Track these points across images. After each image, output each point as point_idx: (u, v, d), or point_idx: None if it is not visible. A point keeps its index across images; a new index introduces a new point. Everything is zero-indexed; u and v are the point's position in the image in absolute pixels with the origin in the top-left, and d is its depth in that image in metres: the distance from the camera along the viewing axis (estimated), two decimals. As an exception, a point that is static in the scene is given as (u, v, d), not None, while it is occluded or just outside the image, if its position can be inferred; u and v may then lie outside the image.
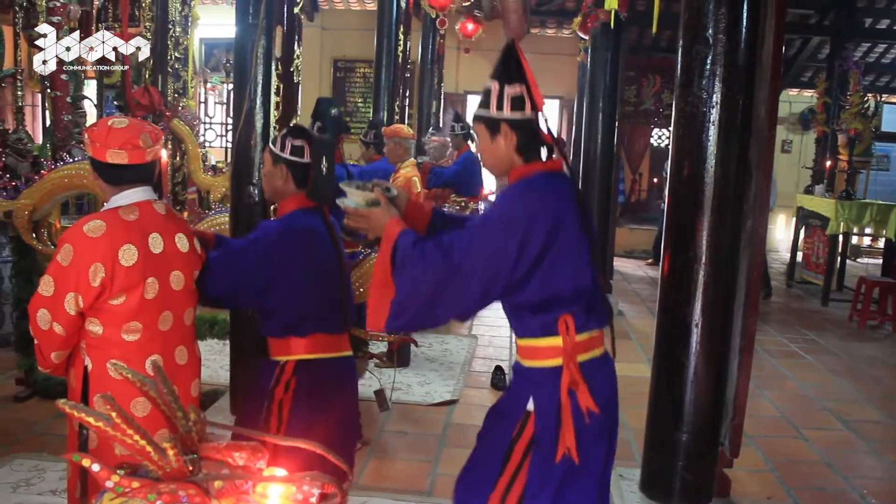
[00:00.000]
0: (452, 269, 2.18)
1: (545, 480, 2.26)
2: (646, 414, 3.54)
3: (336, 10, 13.07)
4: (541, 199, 2.24)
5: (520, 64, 2.31)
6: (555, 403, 2.24)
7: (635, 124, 12.77)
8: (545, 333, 2.27)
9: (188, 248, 2.47)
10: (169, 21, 7.70)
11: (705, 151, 3.09)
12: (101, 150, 2.28)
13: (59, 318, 2.26)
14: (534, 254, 2.19)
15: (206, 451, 1.16)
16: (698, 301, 3.17)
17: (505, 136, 2.31)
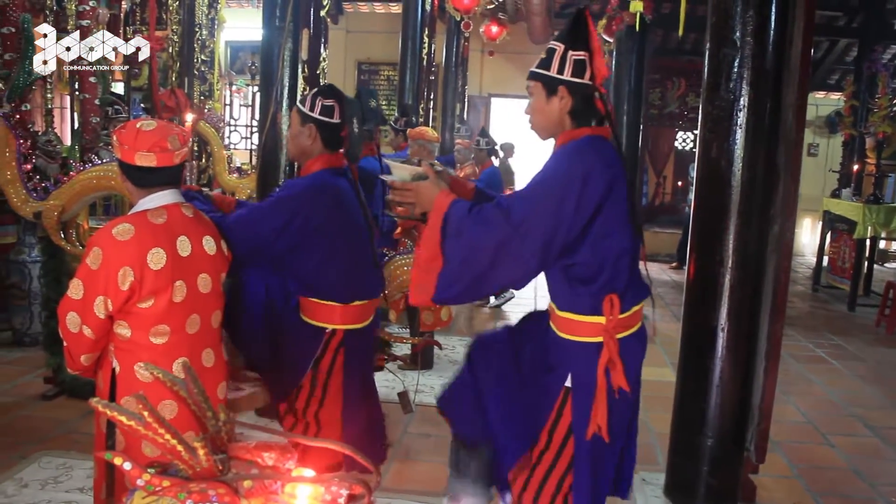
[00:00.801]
0: (513, 229, 2.17)
1: (581, 458, 2.32)
2: (670, 418, 3.52)
3: (360, 13, 13.13)
4: (596, 159, 2.25)
5: (588, 31, 2.31)
6: (591, 381, 2.28)
7: (660, 127, 12.70)
8: (591, 312, 2.30)
9: (215, 251, 2.48)
10: (195, 24, 7.78)
11: (732, 155, 3.07)
12: (130, 152, 2.29)
13: (89, 322, 2.28)
14: (590, 211, 2.20)
15: (235, 450, 1.17)
16: (724, 305, 3.15)
17: (561, 98, 2.32)
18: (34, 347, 5.52)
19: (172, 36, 7.74)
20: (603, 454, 2.36)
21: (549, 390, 2.39)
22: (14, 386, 5.00)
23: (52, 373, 4.84)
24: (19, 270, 5.75)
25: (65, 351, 2.40)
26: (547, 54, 2.33)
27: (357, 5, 12.92)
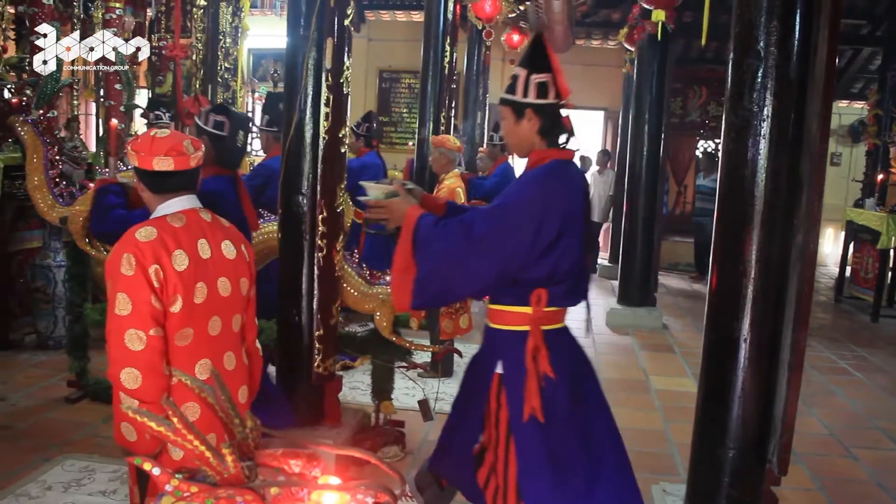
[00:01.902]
0: (473, 245, 2.37)
1: (522, 442, 2.47)
2: (689, 428, 3.50)
3: (382, 21, 13.18)
4: (559, 184, 2.46)
5: (546, 54, 2.51)
6: (521, 366, 2.48)
7: (681, 136, 12.65)
8: (518, 302, 2.51)
9: (235, 255, 2.50)
10: (219, 32, 7.85)
11: (755, 165, 3.06)
12: (148, 158, 2.32)
13: (152, 322, 2.22)
14: (551, 236, 2.39)
15: (262, 457, 1.18)
16: (747, 316, 3.13)
17: (529, 120, 2.52)
18: (58, 351, 5.58)
19: (197, 44, 7.82)
20: (548, 443, 2.46)
21: (484, 378, 2.59)
22: (38, 389, 5.06)
23: (75, 376, 4.90)
24: (44, 274, 5.82)
25: (136, 393, 2.20)
26: (512, 80, 2.53)
27: (379, 13, 12.97)
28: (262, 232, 4.02)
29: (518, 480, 2.49)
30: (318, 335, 3.68)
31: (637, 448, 4.71)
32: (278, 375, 3.84)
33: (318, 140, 3.54)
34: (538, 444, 2.47)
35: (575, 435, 2.53)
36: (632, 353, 7.06)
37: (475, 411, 2.63)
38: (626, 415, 5.32)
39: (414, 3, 12.36)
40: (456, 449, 2.76)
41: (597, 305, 9.07)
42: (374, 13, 12.85)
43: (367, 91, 13.05)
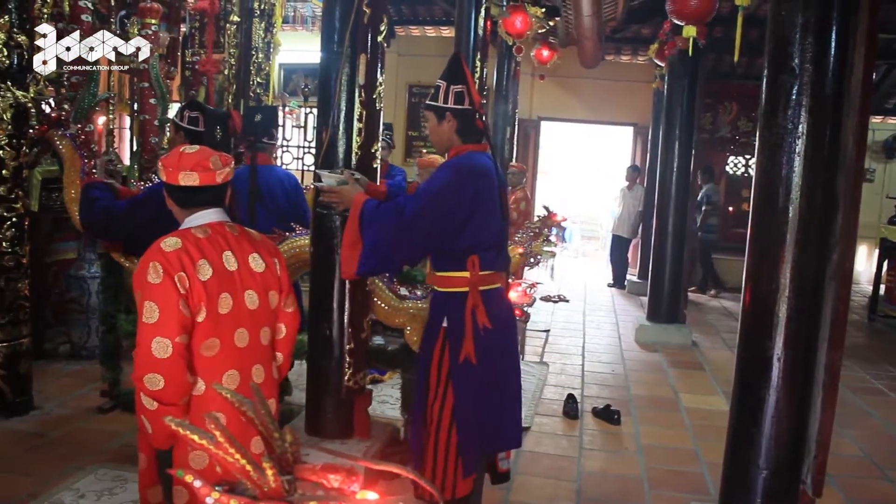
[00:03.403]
0: (405, 223, 2.90)
1: (458, 376, 3.02)
2: (720, 447, 3.47)
3: (412, 37, 13.27)
4: (469, 171, 2.99)
5: (462, 69, 3.11)
6: (461, 319, 3.02)
7: (711, 151, 12.57)
8: (458, 268, 3.04)
9: (264, 268, 2.52)
10: (252, 47, 7.93)
11: (790, 183, 3.04)
12: (174, 173, 2.38)
13: (178, 329, 2.25)
14: (466, 211, 2.94)
15: (301, 472, 1.19)
16: (780, 334, 3.10)
17: (448, 122, 3.08)
18: (91, 361, 5.65)
19: (229, 59, 7.91)
20: (479, 378, 3.02)
21: (432, 331, 3.12)
22: (71, 398, 5.12)
23: (108, 386, 4.95)
24: (79, 285, 5.90)
25: (156, 395, 2.26)
26: (434, 90, 3.10)
27: (409, 29, 13.06)
28: (294, 246, 4.05)
29: (452, 411, 3.03)
30: (349, 349, 3.69)
31: (666, 466, 4.69)
32: (308, 388, 3.86)
33: (351, 155, 3.56)
34: (471, 381, 3.03)
35: (497, 371, 3.11)
36: (661, 371, 7.01)
37: (425, 363, 3.13)
38: (655, 432, 5.29)
39: (443, 18, 12.44)
40: (416, 407, 3.23)
41: (626, 322, 9.03)
42: (403, 28, 12.94)
43: (396, 106, 13.12)
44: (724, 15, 8.08)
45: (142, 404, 2.29)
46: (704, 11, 6.43)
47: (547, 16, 9.29)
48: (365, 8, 3.52)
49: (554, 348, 7.54)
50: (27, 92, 4.62)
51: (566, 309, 9.63)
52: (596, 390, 6.21)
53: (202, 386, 2.36)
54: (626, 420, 5.47)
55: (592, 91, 12.84)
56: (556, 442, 4.99)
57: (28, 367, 4.83)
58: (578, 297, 10.43)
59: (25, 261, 4.76)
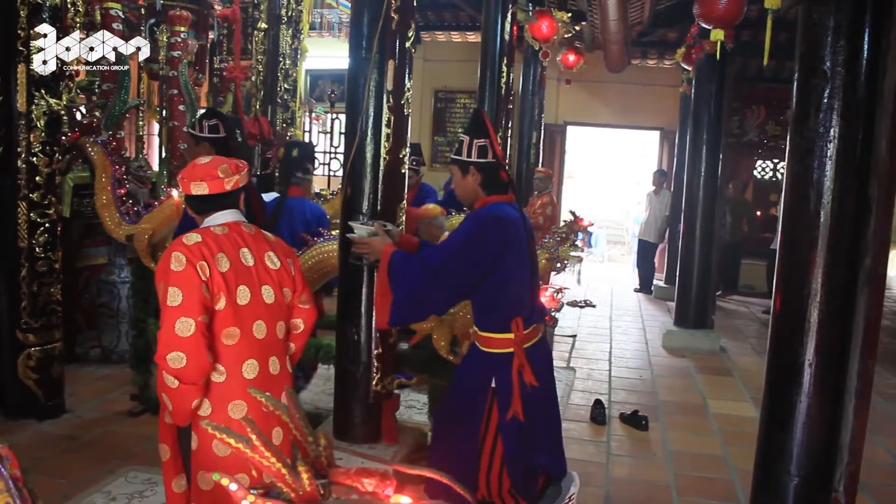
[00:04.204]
0: (430, 275, 2.95)
1: (513, 437, 3.08)
2: (750, 454, 3.42)
3: (437, 42, 13.31)
4: (495, 218, 3.02)
5: (485, 123, 3.14)
6: (508, 381, 3.06)
7: (738, 155, 12.48)
8: (502, 330, 3.07)
9: (279, 266, 2.68)
10: (279, 54, 7.99)
11: (821, 187, 3.00)
12: (187, 184, 2.58)
13: (201, 310, 2.42)
14: (491, 258, 2.97)
15: (336, 475, 1.20)
16: (812, 340, 3.06)
17: (472, 175, 3.10)
18: (121, 365, 5.71)
19: (257, 65, 7.98)
20: (524, 431, 3.08)
21: (479, 390, 3.11)
22: (102, 402, 5.18)
23: (137, 390, 5.01)
24: (109, 290, 5.97)
25: (178, 373, 2.40)
26: (458, 144, 3.13)
27: (434, 34, 13.10)
28: (322, 251, 4.08)
29: (503, 462, 3.10)
30: (377, 354, 3.71)
31: (695, 472, 4.65)
32: (336, 393, 3.88)
33: (379, 160, 3.59)
34: (518, 434, 3.08)
35: (542, 420, 3.20)
36: (689, 376, 6.95)
37: (474, 419, 3.13)
38: (682, 438, 5.25)
39: (469, 24, 12.46)
40: (458, 451, 3.19)
41: (653, 327, 8.97)
42: (429, 34, 12.98)
43: (422, 111, 13.16)
44: (752, 18, 8.01)
45: (164, 383, 2.44)
46: (732, 15, 6.38)
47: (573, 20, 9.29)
48: (393, 14, 3.55)
49: (581, 353, 7.51)
50: (60, 100, 4.69)
51: (593, 314, 9.59)
52: (623, 396, 6.18)
53: (223, 375, 2.51)
54: (654, 426, 5.44)
55: (618, 95, 12.80)
56: (583, 447, 4.97)
57: (60, 371, 4.89)
58: (605, 303, 10.38)
59: (58, 266, 4.82)
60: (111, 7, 6.47)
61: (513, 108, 8.19)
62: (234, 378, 2.51)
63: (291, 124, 8.34)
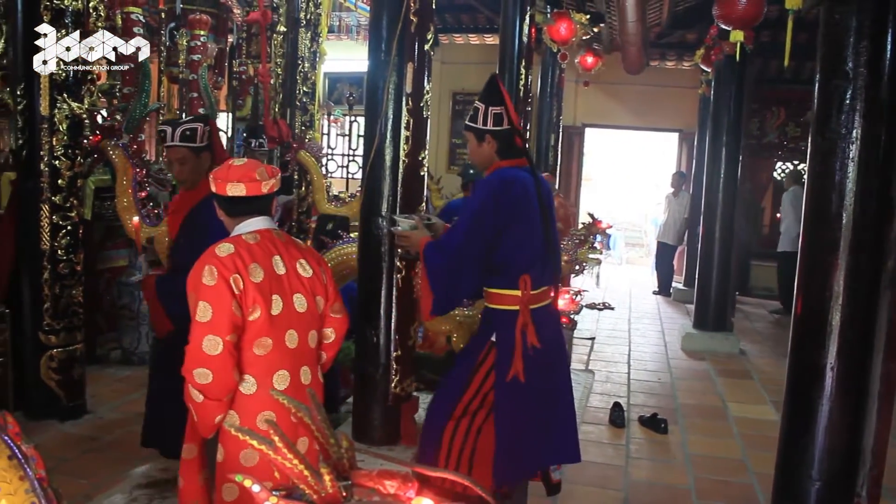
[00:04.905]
0: (452, 258, 2.99)
1: (503, 392, 3.03)
2: (770, 457, 3.41)
3: (455, 45, 13.31)
4: (503, 182, 3.03)
5: (500, 90, 3.13)
6: (511, 339, 3.03)
7: (758, 157, 12.39)
8: (509, 287, 3.06)
9: (311, 274, 2.63)
10: (298, 57, 8.02)
11: (843, 189, 2.98)
12: (223, 184, 2.53)
13: (229, 328, 2.38)
14: (503, 221, 2.99)
15: (358, 477, 1.21)
16: (833, 343, 3.04)
17: (488, 143, 3.11)
18: (142, 366, 5.74)
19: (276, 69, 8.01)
20: (525, 397, 3.04)
21: (478, 343, 3.15)
22: (123, 403, 5.21)
23: (158, 392, 5.03)
24: (129, 292, 6.02)
25: (203, 388, 2.40)
26: (473, 111, 3.14)
27: (452, 37, 13.10)
28: (341, 253, 4.09)
29: (496, 419, 3.05)
30: (396, 356, 3.72)
31: (715, 476, 4.63)
32: (355, 395, 3.89)
33: (399, 163, 3.60)
34: (516, 400, 3.04)
35: (545, 388, 3.12)
36: (708, 379, 6.92)
37: (464, 367, 3.16)
38: (702, 442, 5.23)
39: (487, 26, 12.45)
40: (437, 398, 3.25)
41: (672, 329, 8.93)
42: (447, 37, 12.99)
43: (440, 113, 13.16)
44: (772, 19, 7.97)
45: (189, 395, 2.45)
46: (752, 15, 6.35)
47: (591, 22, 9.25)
48: (412, 17, 3.56)
49: (599, 356, 7.49)
50: (82, 103, 4.73)
51: (611, 316, 9.56)
52: (642, 399, 6.16)
53: (254, 386, 2.47)
54: (674, 429, 5.41)
55: (637, 97, 12.75)
56: (602, 450, 4.95)
57: (82, 373, 4.93)
58: (623, 305, 10.35)
59: (79, 268, 4.86)
60: (132, 11, 6.53)
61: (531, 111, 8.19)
62: (264, 389, 2.46)
63: (310, 127, 8.36)
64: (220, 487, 2.56)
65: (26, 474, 1.42)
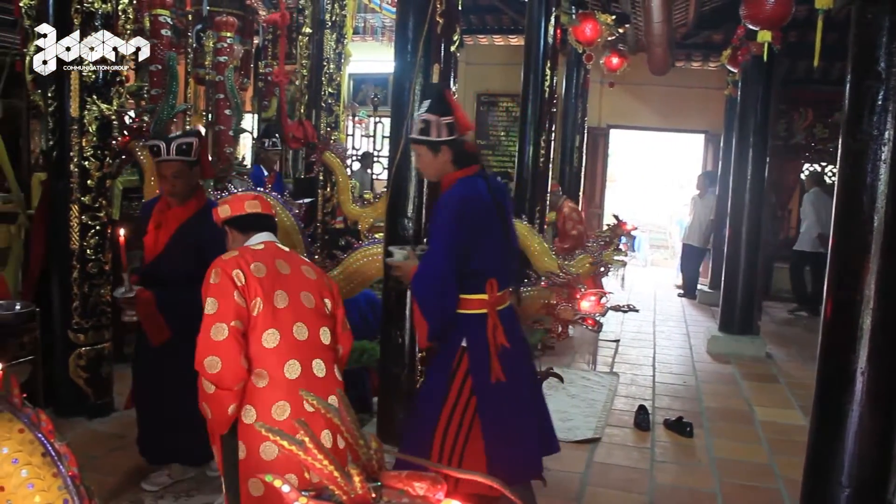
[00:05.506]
0: (432, 283, 3.02)
1: (487, 396, 3.07)
2: (798, 462, 3.38)
3: (480, 46, 13.31)
4: (463, 203, 3.05)
5: (448, 100, 3.17)
6: (483, 341, 3.07)
7: (785, 159, 12.27)
8: (477, 291, 3.10)
9: (316, 277, 2.82)
10: (324, 58, 8.06)
11: (874, 191, 2.94)
12: (240, 203, 2.89)
13: (233, 316, 2.57)
14: (467, 240, 3.02)
15: (387, 479, 1.20)
16: (864, 348, 3.00)
17: (443, 154, 3.11)
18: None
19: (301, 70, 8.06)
20: (506, 397, 3.09)
21: (449, 351, 3.12)
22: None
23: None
24: (157, 292, 6.04)
25: (214, 378, 2.58)
26: (424, 125, 3.12)
27: (477, 38, 13.10)
28: (368, 254, 4.10)
29: (481, 423, 3.07)
30: (421, 356, 3.72)
31: (741, 481, 4.59)
32: (380, 395, 3.90)
33: (424, 164, 3.60)
34: (499, 400, 3.09)
35: (519, 387, 3.17)
36: (734, 383, 6.85)
37: (440, 377, 3.14)
38: (729, 446, 5.18)
39: (511, 27, 12.45)
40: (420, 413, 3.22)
41: (697, 332, 8.87)
42: (471, 37, 12.99)
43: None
44: (800, 18, 7.89)
45: (203, 390, 2.62)
46: (780, 15, 6.28)
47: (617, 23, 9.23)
48: (438, 18, 3.57)
49: (624, 358, 7.45)
50: (111, 105, 4.78)
51: (636, 319, 9.49)
52: (667, 402, 6.11)
53: (265, 378, 2.59)
54: (699, 432, 5.37)
55: (662, 98, 12.68)
56: (627, 453, 4.92)
57: (109, 371, 4.98)
58: (648, 307, 10.27)
59: (108, 268, 4.91)
60: (160, 14, 6.60)
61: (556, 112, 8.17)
62: (276, 380, 2.59)
63: (335, 128, 8.41)
64: (246, 482, 2.62)
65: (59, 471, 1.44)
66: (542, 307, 3.79)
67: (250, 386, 2.60)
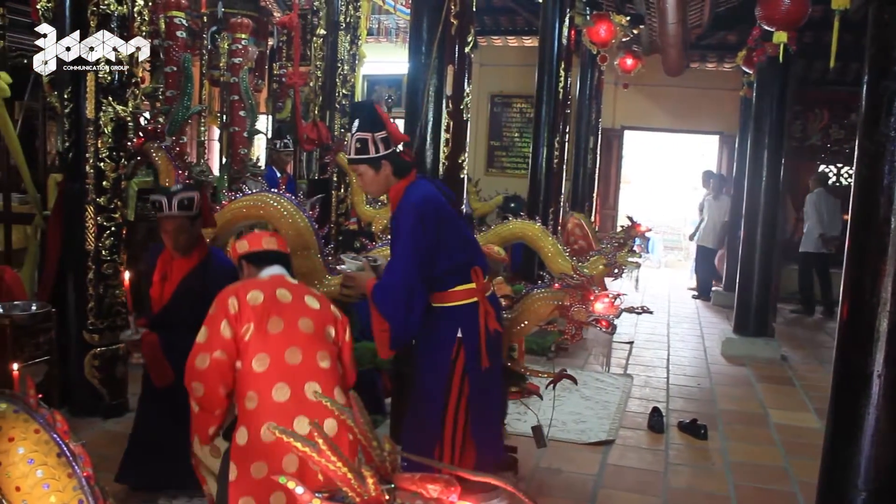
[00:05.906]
0: (399, 292, 3.05)
1: (477, 383, 3.22)
2: (813, 466, 3.34)
3: (494, 47, 13.30)
4: (424, 202, 3.13)
5: (379, 116, 3.22)
6: (476, 329, 3.18)
7: (800, 160, 12.19)
8: (465, 282, 3.20)
9: (319, 307, 2.90)
10: (338, 60, 8.08)
11: (892, 192, 2.91)
12: (258, 239, 3.08)
13: (217, 346, 2.71)
14: (435, 237, 3.10)
15: (401, 481, 1.21)
16: (881, 350, 2.97)
17: (384, 168, 3.19)
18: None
19: (316, 71, 8.08)
20: (488, 379, 3.25)
21: (445, 344, 3.20)
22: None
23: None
24: (171, 293, 6.07)
25: (198, 400, 2.82)
26: (360, 144, 3.18)
27: (491, 39, 13.09)
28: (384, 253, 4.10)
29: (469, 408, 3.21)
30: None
31: (756, 484, 4.56)
32: (392, 396, 3.90)
33: (438, 165, 3.61)
34: (485, 382, 3.24)
35: (497, 370, 3.35)
36: (749, 385, 6.82)
37: (440, 375, 3.20)
38: (743, 449, 5.16)
39: (525, 28, 12.43)
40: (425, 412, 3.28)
41: (711, 334, 8.83)
42: (486, 39, 12.98)
43: (478, 116, 13.16)
44: (815, 19, 7.83)
45: (192, 408, 2.86)
46: (796, 16, 6.25)
47: (631, 24, 9.20)
48: (452, 19, 3.56)
49: (638, 360, 7.42)
50: (126, 106, 4.80)
51: (650, 320, 9.45)
52: (681, 404, 6.09)
53: (255, 400, 2.70)
54: (713, 435, 5.34)
55: (677, 99, 12.64)
56: (641, 456, 4.90)
57: (124, 371, 5.00)
58: (662, 309, 10.24)
59: (123, 268, 4.94)
60: (175, 16, 6.64)
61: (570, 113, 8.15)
62: (263, 402, 2.70)
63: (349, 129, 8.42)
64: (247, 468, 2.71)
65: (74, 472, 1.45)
66: (556, 309, 3.75)
67: (243, 407, 2.72)
